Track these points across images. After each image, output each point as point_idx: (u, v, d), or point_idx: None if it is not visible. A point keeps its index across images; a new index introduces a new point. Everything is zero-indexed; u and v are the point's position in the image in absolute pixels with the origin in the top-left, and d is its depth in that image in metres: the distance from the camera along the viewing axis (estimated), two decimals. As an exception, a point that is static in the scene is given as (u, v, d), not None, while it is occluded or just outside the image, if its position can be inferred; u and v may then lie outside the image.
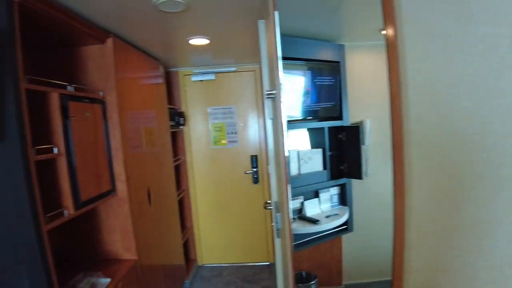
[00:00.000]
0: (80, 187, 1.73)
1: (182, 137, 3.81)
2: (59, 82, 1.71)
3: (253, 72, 3.74)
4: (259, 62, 3.58)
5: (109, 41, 2.08)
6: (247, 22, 2.20)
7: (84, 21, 1.80)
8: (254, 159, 3.83)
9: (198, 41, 2.56)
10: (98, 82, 2.08)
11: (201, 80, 3.76)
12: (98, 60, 2.09)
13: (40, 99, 1.64)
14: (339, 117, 2.75)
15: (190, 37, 2.48)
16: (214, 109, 3.82)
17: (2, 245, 1.34)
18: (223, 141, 3.83)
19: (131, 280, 2.12)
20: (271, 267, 3.86)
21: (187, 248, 3.87)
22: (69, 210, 1.67)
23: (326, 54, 2.67)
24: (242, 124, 3.81)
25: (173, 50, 2.89)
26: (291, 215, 1.11)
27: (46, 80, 1.62)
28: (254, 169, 3.83)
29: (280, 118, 1.06)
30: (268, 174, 3.52)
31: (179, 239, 3.30)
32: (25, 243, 1.39)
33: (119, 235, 2.19)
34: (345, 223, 2.73)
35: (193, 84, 3.79)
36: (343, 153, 2.78)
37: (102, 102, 2.03)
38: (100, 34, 1.99)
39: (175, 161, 3.43)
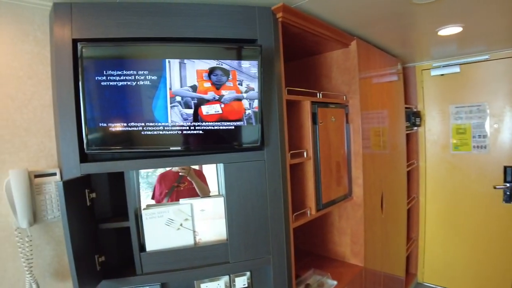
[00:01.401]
0: (323, 190, 1.77)
1: (416, 139, 3.39)
2: (310, 90, 1.78)
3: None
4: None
5: (353, 44, 2.01)
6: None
7: (331, 27, 1.79)
8: (509, 171, 2.95)
9: (449, 30, 2.12)
10: (342, 86, 2.06)
11: (442, 74, 3.20)
12: (341, 64, 2.07)
13: (292, 107, 1.76)
14: None
15: (440, 28, 2.08)
16: (457, 107, 3.18)
17: (261, 236, 1.51)
18: (467, 146, 3.15)
19: (356, 287, 2.04)
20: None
21: (408, 260, 3.48)
22: (311, 210, 1.74)
23: None
24: (495, 126, 2.99)
25: (415, 44, 2.54)
26: None
27: (300, 89, 1.71)
28: (508, 184, 2.96)
29: None
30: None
31: (403, 250, 2.99)
32: (276, 238, 1.52)
33: (349, 239, 2.15)
34: None
35: (432, 79, 3.27)
36: None
37: (345, 106, 2.00)
38: (345, 38, 1.94)
39: (408, 165, 3.09)
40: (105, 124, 1.30)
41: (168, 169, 1.55)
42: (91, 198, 1.36)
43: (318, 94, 1.80)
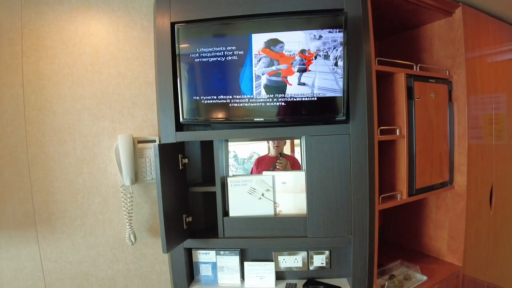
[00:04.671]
0: (417, 173, 1.55)
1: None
2: (405, 62, 1.57)
3: None
4: None
5: (458, 12, 1.70)
6: None
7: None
8: None
9: None
10: (444, 60, 1.77)
11: None
12: (444, 36, 1.78)
13: (385, 80, 1.57)
14: None
15: None
16: None
17: (342, 214, 1.39)
18: None
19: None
20: None
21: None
22: (402, 194, 1.54)
23: None
24: None
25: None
26: None
27: (393, 61, 1.52)
28: None
29: None
30: None
31: None
32: (358, 218, 1.39)
33: (446, 233, 1.85)
34: None
35: None
36: None
37: (448, 82, 1.72)
38: (447, 4, 1.66)
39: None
40: (197, 97, 1.36)
41: (265, 154, 1.55)
42: (184, 163, 1.44)
43: (415, 66, 1.58)
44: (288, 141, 1.54)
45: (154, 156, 1.24)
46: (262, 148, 1.55)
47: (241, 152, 1.55)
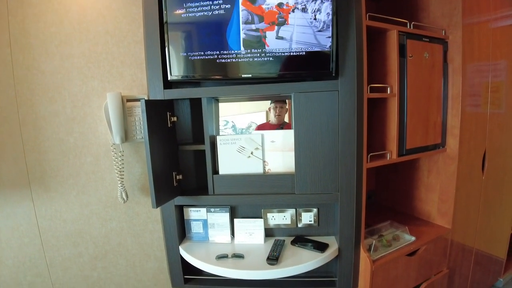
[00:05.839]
0: (407, 133, 1.53)
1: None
2: (399, 19, 1.51)
3: None
4: None
5: (457, -32, 1.62)
6: None
7: None
8: None
9: None
10: (441, 19, 1.70)
11: None
12: (441, -6, 1.71)
13: (377, 37, 1.53)
14: None
15: None
16: None
17: (329, 171, 1.39)
18: None
19: (437, 249, 1.75)
20: None
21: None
22: (392, 154, 1.52)
23: None
24: None
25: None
26: None
27: (385, 17, 1.47)
28: None
29: None
30: None
31: (507, 227, 2.46)
32: (346, 175, 1.38)
33: (436, 196, 1.85)
34: None
35: None
36: None
37: (443, 42, 1.66)
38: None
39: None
40: (185, 54, 1.33)
41: (265, 121, 1.52)
42: (172, 121, 1.42)
43: (408, 24, 1.52)
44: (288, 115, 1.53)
45: (141, 112, 1.23)
46: (260, 117, 1.53)
47: (239, 122, 1.54)
